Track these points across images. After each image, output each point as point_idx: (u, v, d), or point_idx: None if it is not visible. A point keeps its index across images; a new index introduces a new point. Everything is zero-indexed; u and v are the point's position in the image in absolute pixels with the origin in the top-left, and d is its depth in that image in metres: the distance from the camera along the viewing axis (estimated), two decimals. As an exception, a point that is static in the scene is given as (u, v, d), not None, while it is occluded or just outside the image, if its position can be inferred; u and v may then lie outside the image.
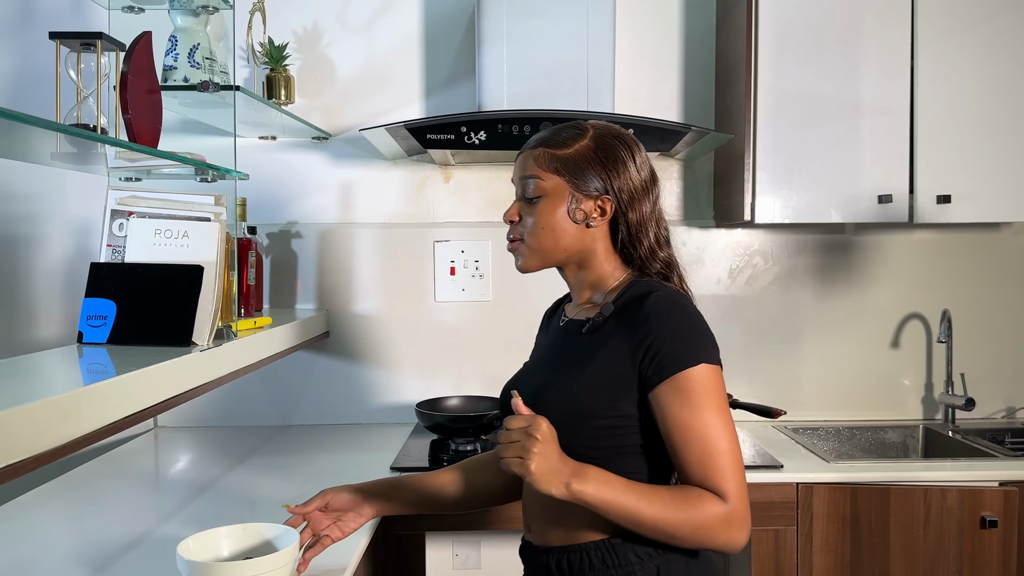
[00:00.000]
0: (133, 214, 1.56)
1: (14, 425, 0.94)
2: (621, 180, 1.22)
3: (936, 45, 2.14)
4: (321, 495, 1.37)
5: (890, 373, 2.48)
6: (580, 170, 1.22)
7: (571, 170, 1.22)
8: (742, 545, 1.11)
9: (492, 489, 1.43)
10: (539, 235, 1.24)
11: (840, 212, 2.16)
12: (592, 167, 1.22)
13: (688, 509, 1.08)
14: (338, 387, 2.47)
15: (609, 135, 1.25)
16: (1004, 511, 1.86)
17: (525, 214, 1.26)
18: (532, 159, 1.25)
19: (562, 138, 1.24)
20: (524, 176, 1.26)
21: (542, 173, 1.24)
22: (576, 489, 1.07)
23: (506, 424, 1.09)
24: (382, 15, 2.42)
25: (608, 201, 1.22)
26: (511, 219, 1.28)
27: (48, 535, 1.59)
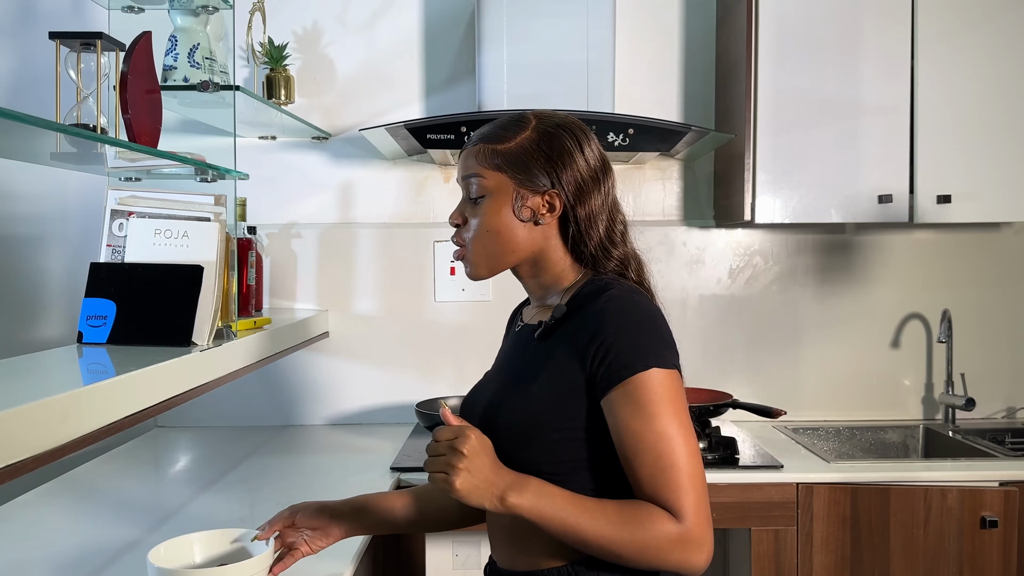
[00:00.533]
0: (133, 214, 1.56)
1: (14, 425, 0.93)
2: (568, 172, 1.13)
3: (936, 45, 2.14)
4: (289, 510, 1.28)
5: (890, 373, 2.48)
6: (523, 164, 1.13)
7: (513, 165, 1.13)
8: (700, 568, 1.01)
9: (445, 515, 1.32)
10: (484, 238, 1.15)
11: (840, 212, 2.16)
12: (536, 160, 1.13)
13: (634, 527, 1.00)
14: (338, 387, 2.47)
15: (553, 124, 1.16)
16: (1004, 511, 1.86)
17: (470, 216, 1.17)
18: (473, 156, 1.16)
19: (503, 132, 1.16)
20: (465, 175, 1.17)
21: (483, 171, 1.15)
22: (512, 503, 1.00)
23: (433, 436, 1.04)
24: (382, 15, 2.42)
25: (556, 195, 1.13)
26: (455, 222, 1.19)
27: (48, 535, 1.59)
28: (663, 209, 2.46)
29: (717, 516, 1.88)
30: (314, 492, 1.81)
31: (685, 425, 1.04)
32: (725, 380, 2.38)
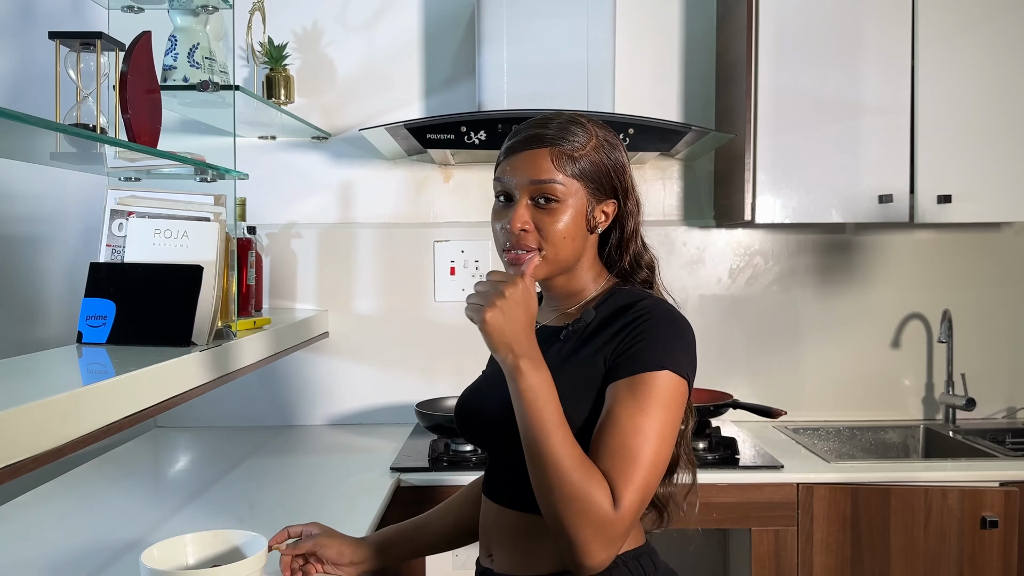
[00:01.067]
0: (133, 214, 1.56)
1: (14, 425, 0.93)
2: (623, 183, 1.16)
3: (936, 45, 2.14)
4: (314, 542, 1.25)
5: (890, 373, 2.48)
6: (595, 174, 1.13)
7: (588, 174, 1.13)
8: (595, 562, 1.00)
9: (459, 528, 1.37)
10: (559, 245, 1.12)
11: (840, 212, 2.16)
12: (603, 170, 1.14)
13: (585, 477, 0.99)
14: (338, 387, 2.46)
15: (608, 134, 1.18)
16: (1004, 511, 1.86)
17: (539, 221, 1.12)
18: (549, 160, 1.11)
19: (572, 138, 1.13)
20: (540, 179, 1.11)
21: (562, 177, 1.11)
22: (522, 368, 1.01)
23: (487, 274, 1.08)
24: (382, 15, 2.42)
25: (613, 204, 1.16)
26: (525, 227, 1.12)
27: (48, 535, 1.59)
28: (663, 209, 2.46)
29: (718, 516, 1.90)
30: (314, 492, 1.81)
31: (666, 432, 1.04)
32: (725, 380, 2.38)
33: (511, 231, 1.13)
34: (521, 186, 1.13)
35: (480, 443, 1.27)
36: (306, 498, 1.77)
